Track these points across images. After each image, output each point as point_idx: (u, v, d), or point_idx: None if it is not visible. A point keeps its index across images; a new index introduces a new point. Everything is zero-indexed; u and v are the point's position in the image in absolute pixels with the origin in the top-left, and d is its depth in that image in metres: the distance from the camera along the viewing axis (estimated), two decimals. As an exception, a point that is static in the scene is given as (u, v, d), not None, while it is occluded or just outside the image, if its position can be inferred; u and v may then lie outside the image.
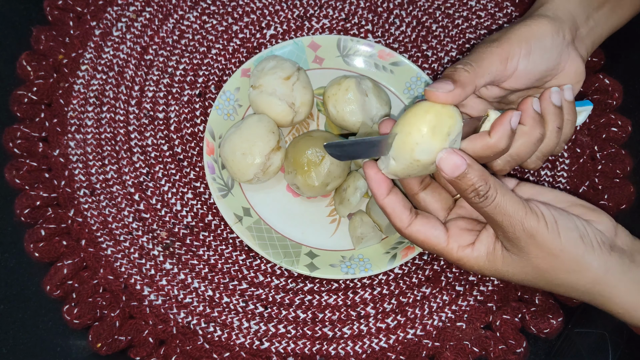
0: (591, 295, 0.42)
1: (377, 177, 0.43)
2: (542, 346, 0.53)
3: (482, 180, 0.39)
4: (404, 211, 0.43)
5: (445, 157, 0.39)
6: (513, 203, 0.40)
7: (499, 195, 0.39)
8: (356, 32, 0.65)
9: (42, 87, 0.59)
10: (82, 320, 0.51)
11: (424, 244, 0.43)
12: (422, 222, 0.43)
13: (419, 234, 0.43)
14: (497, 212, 0.39)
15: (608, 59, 0.63)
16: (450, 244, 0.43)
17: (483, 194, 0.39)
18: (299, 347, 0.52)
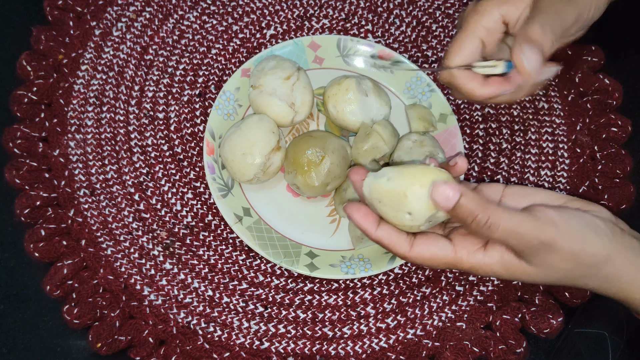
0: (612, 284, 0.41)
1: (360, 212, 0.41)
2: (542, 346, 0.53)
3: (479, 208, 0.38)
4: (400, 237, 0.41)
5: (435, 190, 0.38)
6: (523, 223, 0.38)
7: (504, 221, 0.38)
8: (356, 32, 0.65)
9: (42, 87, 0.59)
10: (82, 320, 0.51)
11: (432, 261, 0.41)
12: (423, 241, 0.41)
13: (425, 253, 0.41)
14: (508, 236, 0.38)
15: (608, 59, 0.63)
16: (458, 252, 0.41)
17: (484, 223, 0.38)
18: (299, 347, 0.52)
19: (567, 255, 0.39)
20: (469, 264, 0.41)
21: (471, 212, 0.38)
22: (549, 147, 0.60)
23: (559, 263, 0.39)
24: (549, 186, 0.59)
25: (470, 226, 0.38)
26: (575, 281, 0.42)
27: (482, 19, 0.46)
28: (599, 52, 0.63)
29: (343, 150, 0.55)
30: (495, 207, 0.38)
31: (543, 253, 0.39)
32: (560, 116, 0.62)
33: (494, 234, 0.38)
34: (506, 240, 0.38)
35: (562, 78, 0.63)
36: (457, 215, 0.38)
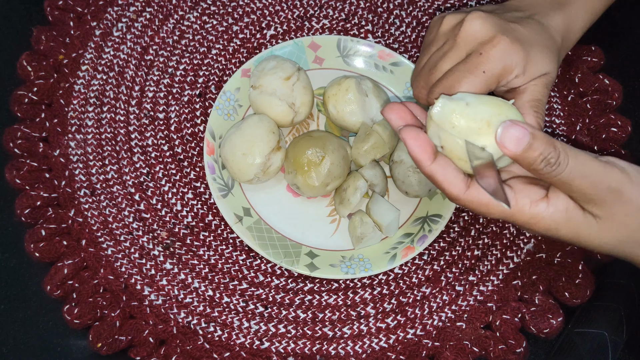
0: None
1: (418, 140, 0.37)
2: (542, 346, 0.53)
3: (550, 147, 0.35)
4: (457, 175, 0.38)
5: (505, 131, 0.35)
6: (589, 162, 0.36)
7: (572, 159, 0.35)
8: (356, 32, 0.65)
9: (42, 87, 0.59)
10: (82, 320, 0.51)
11: (489, 208, 0.38)
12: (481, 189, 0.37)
13: (482, 197, 0.37)
14: (574, 176, 0.35)
15: (608, 59, 0.63)
16: (519, 200, 0.37)
17: (555, 161, 0.35)
18: (299, 347, 0.52)
19: (635, 209, 0.37)
20: (530, 215, 0.37)
21: (541, 152, 0.35)
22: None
23: (625, 217, 0.37)
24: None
25: (538, 166, 0.35)
26: (636, 249, 0.39)
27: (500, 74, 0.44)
28: (599, 52, 0.63)
29: (343, 150, 0.55)
30: (562, 145, 0.36)
31: (610, 202, 0.36)
32: (560, 116, 0.62)
33: (559, 173, 0.35)
34: (572, 181, 0.35)
35: (562, 78, 0.63)
36: (527, 158, 0.35)
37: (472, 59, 0.44)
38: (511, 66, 0.43)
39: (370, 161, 0.54)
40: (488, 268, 0.55)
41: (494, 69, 0.43)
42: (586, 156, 0.36)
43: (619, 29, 0.66)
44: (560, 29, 0.48)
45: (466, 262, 0.55)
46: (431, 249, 0.56)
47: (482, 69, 0.43)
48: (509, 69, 0.43)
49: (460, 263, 0.55)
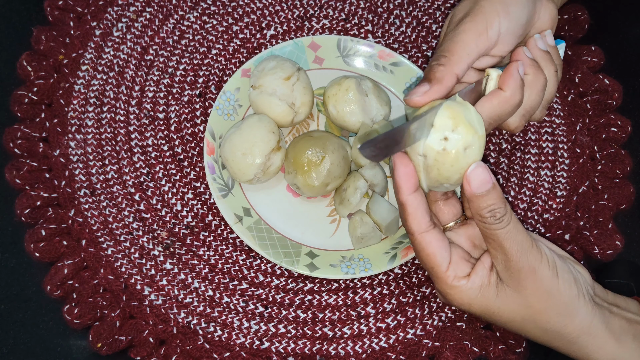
0: (576, 346, 0.42)
1: (407, 169, 0.40)
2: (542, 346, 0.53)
3: (502, 202, 0.39)
4: (425, 216, 0.41)
5: (475, 171, 0.38)
6: (523, 233, 0.39)
7: (512, 223, 0.39)
8: (356, 32, 0.65)
9: (42, 87, 0.59)
10: (82, 320, 0.51)
11: (427, 258, 0.41)
12: (437, 237, 0.41)
13: (429, 246, 0.41)
14: (508, 237, 0.39)
15: (608, 59, 0.63)
16: (449, 270, 0.41)
17: (499, 217, 0.39)
18: (299, 347, 0.52)
19: (543, 290, 0.40)
20: (450, 284, 0.41)
21: (494, 203, 0.38)
22: (548, 147, 0.60)
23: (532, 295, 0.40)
24: (549, 186, 0.59)
25: (485, 214, 0.39)
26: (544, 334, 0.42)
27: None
28: (599, 52, 0.63)
29: (343, 150, 0.55)
30: (510, 208, 0.39)
31: (523, 276, 0.39)
32: (560, 116, 0.62)
33: (498, 229, 0.39)
34: (503, 241, 0.39)
35: (562, 78, 0.63)
36: (481, 202, 0.38)
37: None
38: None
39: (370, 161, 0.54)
40: (488, 268, 0.55)
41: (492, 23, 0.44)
42: (523, 228, 0.40)
43: (619, 29, 0.66)
44: None
45: (466, 262, 0.55)
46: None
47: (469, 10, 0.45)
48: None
49: (460, 263, 0.55)
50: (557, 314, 0.41)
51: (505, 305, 0.41)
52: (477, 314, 0.43)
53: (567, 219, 0.58)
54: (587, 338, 0.41)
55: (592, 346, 0.41)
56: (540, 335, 0.42)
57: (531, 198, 0.58)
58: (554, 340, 0.42)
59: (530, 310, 0.41)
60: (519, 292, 0.40)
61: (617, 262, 0.56)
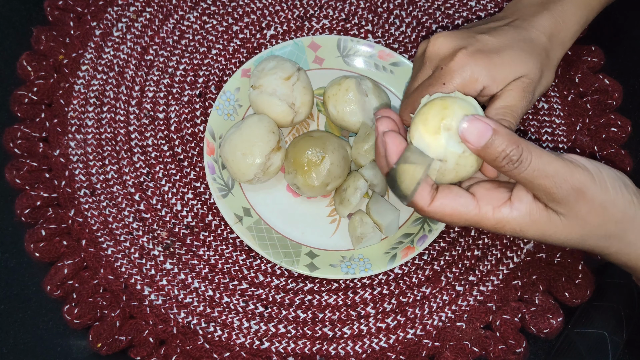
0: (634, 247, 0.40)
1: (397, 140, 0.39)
2: (542, 346, 0.53)
3: (512, 144, 0.36)
4: (424, 188, 0.39)
5: (468, 126, 0.36)
6: (553, 162, 0.37)
7: (535, 157, 0.36)
8: (356, 32, 0.65)
9: (42, 87, 0.59)
10: (82, 320, 0.51)
11: (453, 217, 0.39)
12: (445, 194, 0.39)
13: (446, 208, 0.39)
14: (538, 175, 0.36)
15: (608, 59, 0.63)
16: (482, 207, 0.38)
17: (517, 159, 0.36)
18: (299, 347, 0.52)
19: (597, 206, 0.38)
20: (495, 220, 0.38)
21: (504, 148, 0.36)
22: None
23: (587, 215, 0.38)
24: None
25: (500, 163, 0.36)
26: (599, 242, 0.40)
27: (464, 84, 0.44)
28: (599, 52, 0.63)
29: (343, 150, 0.55)
30: (527, 143, 0.37)
31: (573, 201, 0.37)
32: (560, 116, 0.62)
33: (522, 171, 0.36)
34: (535, 179, 0.36)
35: (562, 78, 0.63)
36: (489, 154, 0.36)
37: (434, 73, 0.45)
38: (473, 76, 0.44)
39: (370, 161, 0.54)
40: (488, 268, 0.55)
41: (454, 81, 0.44)
42: (550, 156, 0.37)
43: (619, 29, 0.66)
44: (547, 29, 0.48)
45: (466, 262, 0.55)
46: (431, 249, 0.56)
47: (442, 81, 0.44)
48: (473, 79, 0.44)
49: (460, 263, 0.55)
50: (615, 223, 0.39)
51: (561, 228, 0.39)
52: (532, 239, 0.40)
53: (567, 219, 0.58)
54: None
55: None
56: (604, 245, 0.40)
57: (531, 198, 0.58)
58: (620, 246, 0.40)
59: (588, 226, 0.39)
60: (571, 217, 0.38)
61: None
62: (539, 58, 0.46)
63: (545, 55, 0.47)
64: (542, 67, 0.46)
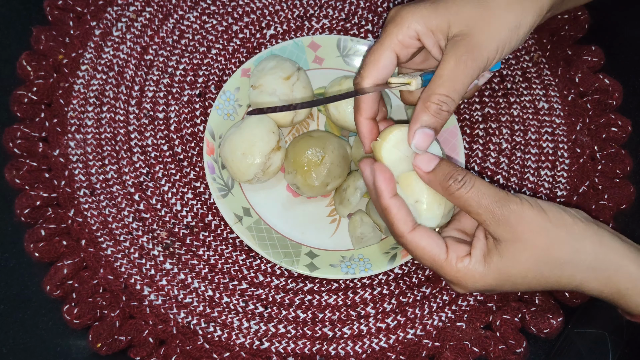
0: (597, 272, 0.40)
1: (386, 174, 0.42)
2: (542, 346, 0.53)
3: (457, 168, 0.40)
4: (408, 215, 0.42)
5: (420, 158, 0.41)
6: (492, 188, 0.40)
7: (478, 181, 0.40)
8: (356, 32, 0.65)
9: (42, 87, 0.59)
10: (82, 320, 0.51)
11: (424, 253, 0.42)
12: (425, 231, 0.42)
13: (421, 241, 0.41)
14: (481, 195, 0.39)
15: (608, 59, 0.63)
16: (449, 255, 0.41)
17: (461, 179, 0.40)
18: (299, 347, 0.52)
19: (538, 228, 0.39)
20: (457, 269, 0.41)
21: (449, 171, 0.40)
22: (549, 147, 0.60)
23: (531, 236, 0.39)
24: (549, 186, 0.59)
25: (447, 183, 0.40)
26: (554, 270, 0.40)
27: (399, 32, 0.43)
28: (599, 52, 0.63)
29: (343, 150, 0.55)
30: (470, 172, 0.41)
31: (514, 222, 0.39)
32: (560, 116, 0.62)
33: (467, 191, 0.40)
34: (479, 198, 0.39)
35: (562, 78, 0.63)
36: (436, 176, 0.41)
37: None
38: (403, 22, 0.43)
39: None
40: (488, 268, 0.55)
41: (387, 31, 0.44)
42: (491, 185, 0.41)
43: (619, 29, 0.66)
44: None
45: (466, 262, 0.55)
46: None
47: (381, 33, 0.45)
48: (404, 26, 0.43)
49: (460, 263, 0.55)
50: (563, 243, 0.40)
51: (513, 259, 0.40)
52: (497, 288, 0.42)
53: (567, 219, 0.58)
54: (604, 258, 0.40)
55: (613, 266, 0.40)
56: (560, 274, 0.40)
57: (531, 198, 0.58)
58: (576, 274, 0.40)
59: (538, 250, 0.40)
60: (517, 242, 0.40)
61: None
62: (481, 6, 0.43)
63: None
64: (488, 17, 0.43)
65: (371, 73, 0.45)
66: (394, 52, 0.44)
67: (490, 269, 0.41)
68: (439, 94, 0.42)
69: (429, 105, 0.42)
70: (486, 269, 0.41)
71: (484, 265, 0.41)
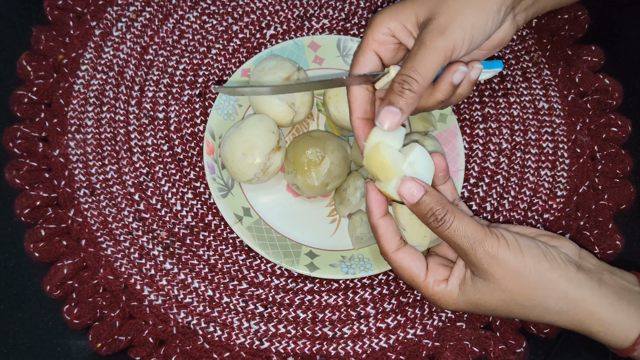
0: (568, 316, 0.42)
1: (377, 197, 0.44)
2: (542, 346, 0.53)
3: (439, 205, 0.41)
4: (394, 236, 0.45)
5: (403, 185, 0.42)
6: (471, 226, 0.41)
7: (457, 220, 0.41)
8: (356, 32, 0.65)
9: (42, 87, 0.59)
10: (82, 320, 0.51)
11: (404, 272, 0.44)
12: (408, 252, 0.44)
13: (403, 262, 0.44)
14: (457, 235, 0.41)
15: (608, 59, 0.63)
16: (427, 278, 0.44)
17: (441, 217, 0.41)
18: (299, 347, 0.52)
19: (511, 271, 0.41)
20: (432, 292, 0.43)
21: (432, 207, 0.41)
22: (549, 147, 0.60)
23: (503, 279, 0.41)
24: (549, 186, 0.59)
25: (428, 220, 0.42)
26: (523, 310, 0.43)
27: (374, 32, 0.45)
28: (599, 52, 0.63)
29: (343, 150, 0.55)
30: (452, 206, 0.42)
31: (487, 265, 0.41)
32: (560, 116, 0.62)
33: (445, 229, 0.41)
34: (455, 238, 0.41)
35: (562, 78, 0.63)
36: (419, 210, 0.42)
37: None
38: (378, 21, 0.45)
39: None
40: (488, 268, 0.55)
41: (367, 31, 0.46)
42: (471, 221, 0.42)
43: (619, 29, 0.66)
44: None
45: (466, 262, 0.55)
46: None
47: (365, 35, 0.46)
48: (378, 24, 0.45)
49: (460, 263, 0.55)
50: (534, 289, 0.41)
51: (485, 295, 0.42)
52: (469, 311, 0.45)
53: (567, 219, 0.58)
54: (577, 305, 0.41)
55: (586, 311, 0.42)
56: (529, 313, 0.43)
57: (531, 198, 0.58)
58: (545, 315, 0.42)
59: (508, 292, 0.42)
60: (490, 280, 0.42)
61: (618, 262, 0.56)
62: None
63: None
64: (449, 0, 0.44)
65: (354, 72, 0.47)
66: (372, 51, 0.46)
67: (463, 297, 0.43)
68: (400, 74, 0.43)
69: (393, 84, 0.43)
70: (459, 295, 0.43)
71: (457, 293, 0.43)
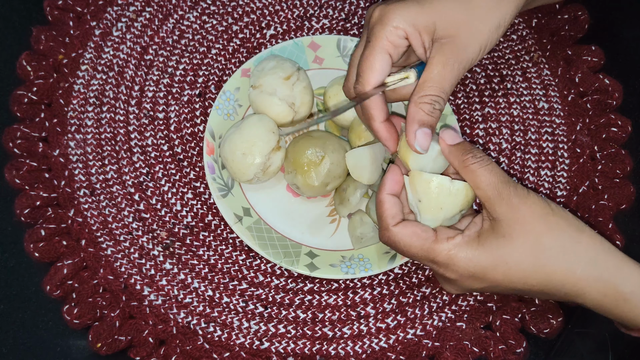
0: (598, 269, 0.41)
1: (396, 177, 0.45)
2: (542, 346, 0.53)
3: (478, 148, 0.43)
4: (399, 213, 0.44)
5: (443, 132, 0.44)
6: (505, 173, 0.42)
7: (493, 163, 0.42)
8: (356, 32, 0.65)
9: (42, 87, 0.59)
10: (82, 320, 0.51)
11: (411, 241, 0.43)
12: (412, 222, 0.44)
13: (405, 229, 0.43)
14: (492, 174, 0.41)
15: (608, 59, 0.63)
16: (438, 236, 0.42)
17: (480, 156, 0.42)
18: (299, 347, 0.52)
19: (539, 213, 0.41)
20: (447, 249, 0.41)
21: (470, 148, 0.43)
22: (549, 147, 0.60)
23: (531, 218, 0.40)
24: (549, 186, 0.59)
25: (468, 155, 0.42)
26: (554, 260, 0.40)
27: (389, 33, 0.44)
28: (599, 52, 0.63)
29: (343, 150, 0.55)
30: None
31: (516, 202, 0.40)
32: (560, 116, 0.62)
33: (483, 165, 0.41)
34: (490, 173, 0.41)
35: (562, 78, 0.63)
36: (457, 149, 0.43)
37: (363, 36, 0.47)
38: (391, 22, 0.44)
39: (370, 161, 0.54)
40: (488, 268, 0.55)
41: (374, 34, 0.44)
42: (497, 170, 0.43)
43: (619, 29, 0.66)
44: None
45: (466, 262, 0.55)
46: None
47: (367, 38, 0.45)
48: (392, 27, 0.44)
49: (460, 263, 0.55)
50: (562, 230, 0.40)
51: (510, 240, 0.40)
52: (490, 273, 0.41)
53: (567, 219, 0.58)
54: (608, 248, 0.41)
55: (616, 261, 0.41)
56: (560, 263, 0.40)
57: (531, 198, 0.58)
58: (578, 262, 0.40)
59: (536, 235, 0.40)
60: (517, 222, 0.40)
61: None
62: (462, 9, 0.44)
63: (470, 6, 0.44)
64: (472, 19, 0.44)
65: (370, 79, 0.45)
66: (387, 54, 0.45)
67: (484, 248, 0.41)
68: (430, 95, 0.43)
69: (423, 106, 0.43)
70: (480, 247, 0.41)
71: (477, 243, 0.41)
